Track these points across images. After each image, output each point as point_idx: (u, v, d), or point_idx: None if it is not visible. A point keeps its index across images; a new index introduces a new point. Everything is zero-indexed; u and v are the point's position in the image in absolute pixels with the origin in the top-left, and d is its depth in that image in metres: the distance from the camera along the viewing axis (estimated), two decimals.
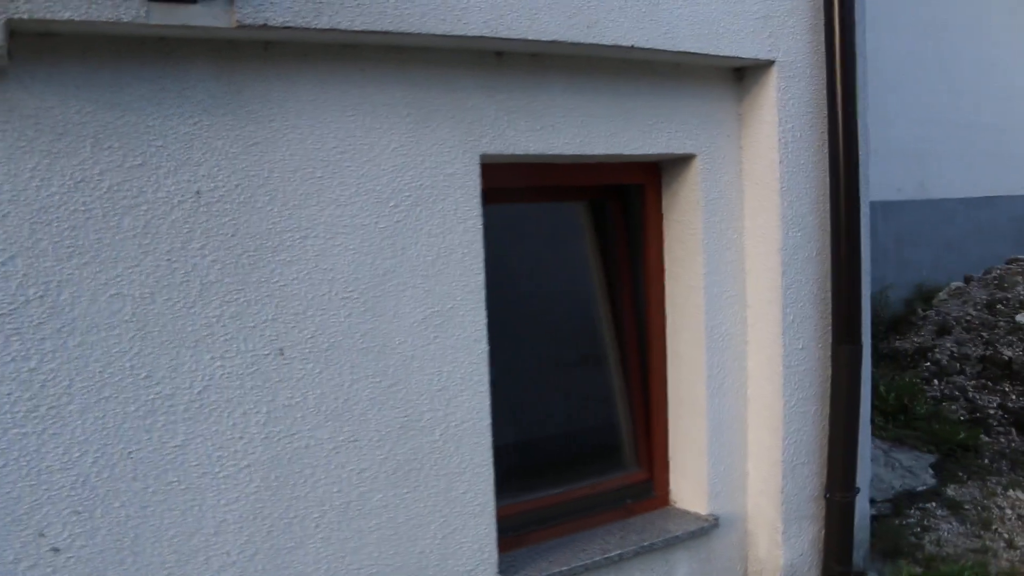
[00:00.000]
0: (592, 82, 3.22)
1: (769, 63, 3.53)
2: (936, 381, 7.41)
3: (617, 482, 3.67)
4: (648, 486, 3.72)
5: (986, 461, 6.19)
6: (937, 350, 7.80)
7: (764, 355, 3.61)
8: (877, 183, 9.03)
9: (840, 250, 3.54)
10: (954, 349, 7.73)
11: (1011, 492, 5.66)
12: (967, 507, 5.47)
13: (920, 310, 8.60)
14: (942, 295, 8.73)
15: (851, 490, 3.69)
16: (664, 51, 3.22)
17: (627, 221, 3.73)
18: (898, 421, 6.62)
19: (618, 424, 3.79)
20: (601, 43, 3.05)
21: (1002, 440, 6.54)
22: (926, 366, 7.64)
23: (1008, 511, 5.42)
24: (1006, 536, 5.08)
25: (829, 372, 3.64)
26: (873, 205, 9.00)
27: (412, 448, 2.85)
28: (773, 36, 3.51)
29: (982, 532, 5.14)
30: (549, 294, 3.76)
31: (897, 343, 8.11)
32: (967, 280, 9.02)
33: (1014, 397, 7.07)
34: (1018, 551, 4.90)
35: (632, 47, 3.11)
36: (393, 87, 2.79)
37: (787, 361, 3.58)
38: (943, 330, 8.06)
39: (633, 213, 3.71)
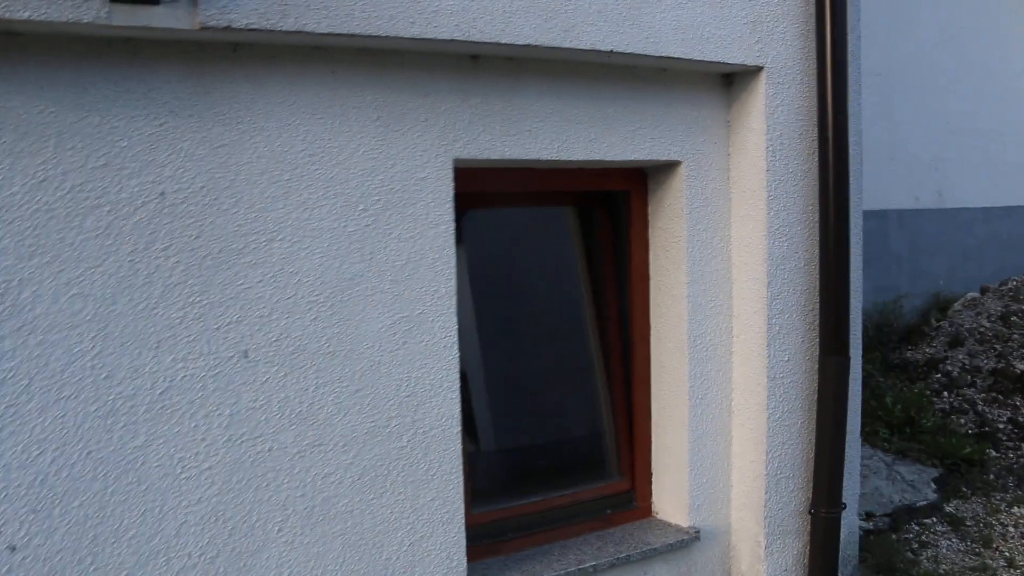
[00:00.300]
0: (572, 87, 3.19)
1: (757, 69, 3.48)
2: (946, 393, 7.29)
3: (598, 492, 3.63)
4: (629, 497, 3.68)
5: (992, 477, 6.08)
6: (948, 362, 7.68)
7: (749, 366, 3.56)
8: (893, 191, 9.00)
9: (828, 260, 3.49)
10: (966, 361, 7.62)
11: (1015, 509, 5.56)
12: (968, 523, 5.37)
13: (934, 320, 8.48)
14: (957, 306, 8.60)
15: (837, 506, 3.62)
16: (646, 56, 3.18)
17: (613, 228, 3.70)
18: (904, 434, 6.52)
19: (601, 433, 3.75)
20: (579, 47, 3.02)
21: (1010, 455, 6.43)
22: (936, 378, 7.53)
23: (1011, 528, 5.31)
24: (1007, 554, 4.98)
25: (816, 384, 3.58)
26: (889, 214, 9.01)
27: (379, 454, 2.83)
28: (762, 42, 3.46)
29: (982, 550, 5.05)
30: (532, 300, 3.73)
31: (909, 354, 8.00)
32: (983, 291, 8.89)
33: (1022, 410, 6.95)
34: (1018, 570, 4.80)
35: (611, 52, 3.07)
36: (364, 90, 2.78)
37: (772, 373, 3.52)
38: (956, 341, 7.94)
39: (619, 220, 3.67)
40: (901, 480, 5.88)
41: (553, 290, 3.80)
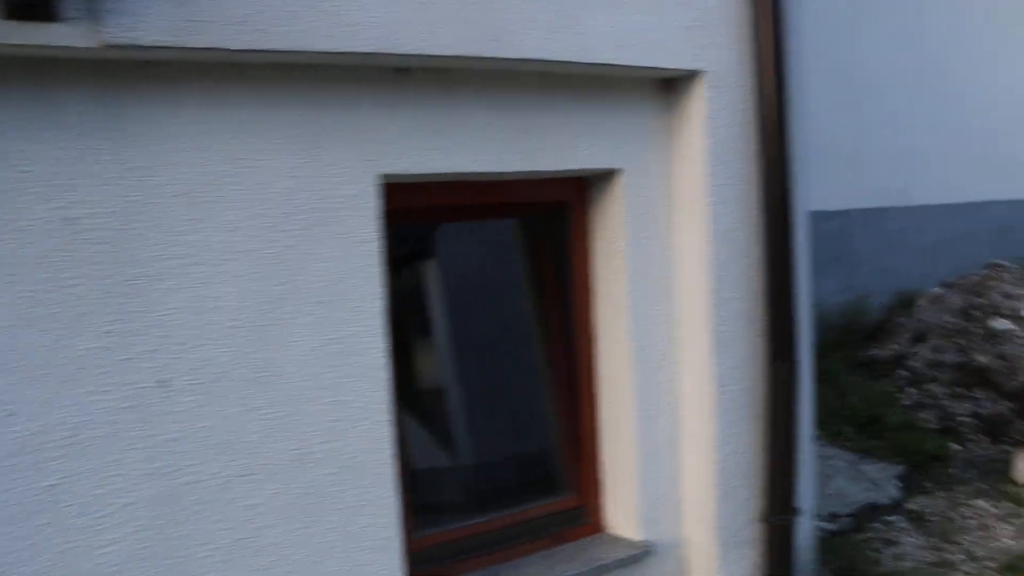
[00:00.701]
0: (505, 97, 3.12)
1: (697, 74, 3.42)
2: (910, 389, 7.28)
3: (548, 508, 3.56)
4: (580, 512, 3.61)
5: (954, 471, 6.07)
6: (913, 358, 7.67)
7: (696, 375, 3.50)
8: (859, 190, 8.99)
9: (772, 265, 3.44)
10: (930, 356, 7.61)
11: (976, 502, 5.55)
12: (931, 519, 5.36)
13: (899, 317, 8.47)
14: (921, 302, 8.59)
15: (790, 512, 3.58)
16: (582, 64, 3.12)
17: (556, 239, 3.62)
18: (869, 432, 6.50)
19: (550, 449, 3.68)
20: (509, 57, 2.94)
21: (972, 449, 6.43)
22: (901, 374, 7.52)
23: (972, 521, 5.30)
24: (968, 548, 4.96)
25: (765, 391, 3.53)
26: (854, 213, 8.99)
27: (308, 482, 2.74)
28: (701, 46, 3.40)
29: (944, 544, 5.03)
30: (478, 316, 3.65)
31: (874, 351, 7.99)
32: (945, 286, 8.89)
33: (987, 404, 6.95)
34: (979, 563, 4.78)
35: (544, 60, 3.00)
36: (285, 107, 2.69)
37: (720, 381, 3.47)
38: (920, 337, 7.93)
39: (562, 231, 3.60)
40: (866, 479, 5.86)
41: (498, 305, 3.72)
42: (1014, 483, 5.77)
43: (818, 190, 8.55)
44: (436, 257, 3.54)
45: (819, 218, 8.54)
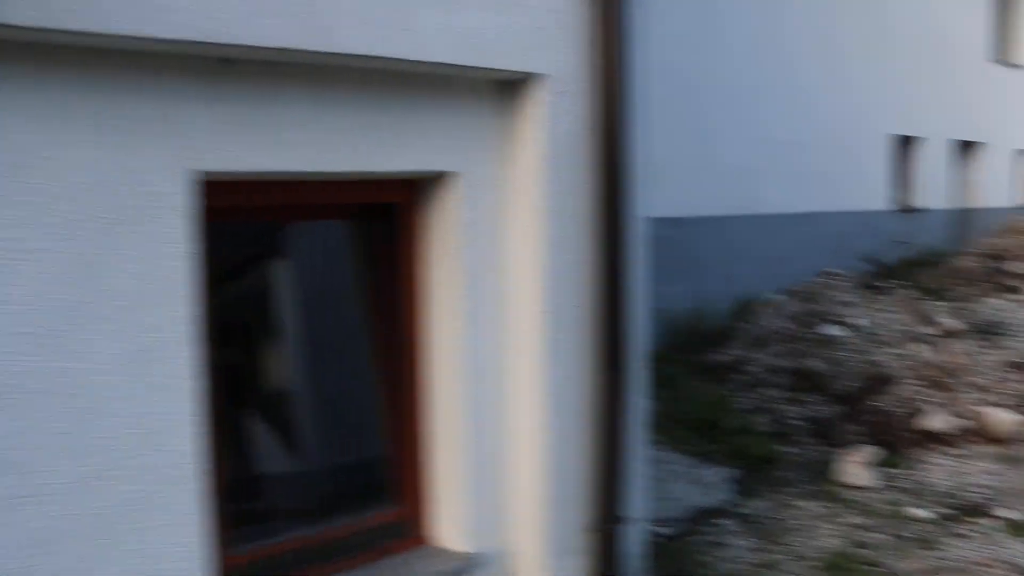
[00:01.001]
0: (336, 94, 2.99)
1: (538, 77, 3.38)
2: (749, 394, 7.52)
3: (374, 521, 3.45)
4: (407, 524, 3.51)
5: (785, 473, 6.29)
6: (752, 363, 7.94)
7: (527, 384, 3.46)
8: (706, 198, 9.24)
9: (606, 274, 3.44)
10: (767, 361, 7.89)
11: (803, 503, 5.75)
12: (761, 520, 5.52)
13: (740, 323, 8.76)
14: (761, 309, 8.91)
15: (618, 521, 3.60)
16: (417, 62, 3.02)
17: (390, 242, 3.52)
18: (708, 436, 6.67)
19: (379, 459, 3.57)
20: (339, 52, 2.82)
21: (802, 451, 6.68)
22: (741, 379, 7.76)
23: (799, 522, 5.49)
24: (795, 548, 5.13)
25: (595, 400, 3.52)
26: (701, 220, 9.25)
27: (109, 500, 2.53)
28: (543, 49, 3.36)
29: (771, 546, 5.19)
30: (309, 321, 3.51)
31: (716, 356, 8.22)
32: (784, 293, 9.24)
33: (818, 408, 7.24)
34: (804, 563, 4.95)
35: (375, 57, 2.90)
36: (88, 95, 2.48)
37: (551, 390, 3.44)
38: (759, 343, 8.22)
39: (395, 234, 3.50)
40: (701, 483, 6.00)
41: (332, 310, 3.59)
42: (838, 484, 6.03)
43: (666, 198, 8.76)
44: (266, 260, 3.38)
45: (666, 225, 8.75)
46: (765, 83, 10.22)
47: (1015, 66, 16.35)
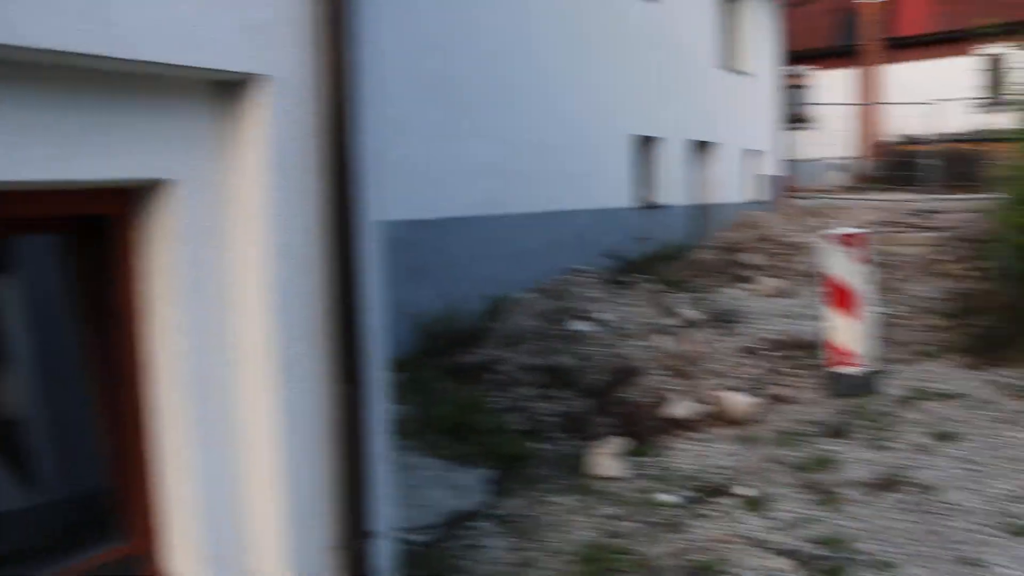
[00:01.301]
0: (24, 93, 2.65)
1: (259, 78, 3.18)
2: (501, 393, 7.59)
3: (102, 559, 3.12)
4: (140, 559, 3.20)
5: (540, 470, 6.38)
6: (504, 362, 8.03)
7: (258, 401, 3.26)
8: (455, 199, 9.29)
9: (337, 283, 3.30)
10: (519, 360, 8.01)
11: (557, 498, 5.86)
12: (517, 519, 5.56)
13: (491, 323, 8.86)
14: (511, 307, 9.06)
15: (367, 535, 3.47)
16: (119, 60, 2.75)
17: (106, 256, 3.20)
18: (461, 438, 6.65)
19: (105, 491, 3.25)
20: (27, 46, 2.50)
21: (556, 447, 6.81)
22: (493, 378, 7.83)
23: (555, 517, 5.58)
24: (551, 544, 5.21)
25: (333, 414, 3.38)
26: (450, 221, 9.27)
27: None
28: (265, 48, 3.16)
29: (528, 543, 5.23)
30: (23, 342, 3.13)
31: (468, 358, 8.26)
32: (534, 291, 9.46)
33: (570, 403, 7.44)
34: (561, 557, 5.04)
35: (66, 52, 2.60)
36: None
37: (285, 406, 3.26)
38: (510, 342, 8.34)
39: (109, 247, 3.19)
40: (456, 486, 5.97)
41: (46, 330, 3.22)
42: (591, 476, 6.19)
43: (413, 200, 8.76)
44: None
45: (414, 227, 8.74)
46: (516, 84, 10.43)
47: (740, 72, 17.71)
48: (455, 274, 9.27)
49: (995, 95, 22.10)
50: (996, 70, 22.96)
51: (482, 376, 7.84)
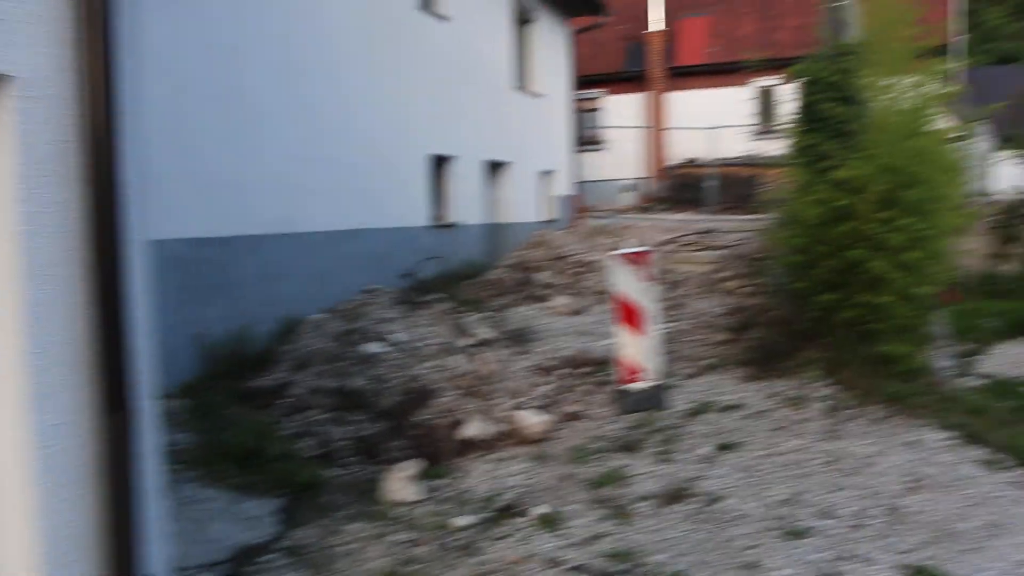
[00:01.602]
0: None
1: (3, 79, 2.88)
2: (293, 418, 7.29)
3: None
4: None
5: (333, 497, 6.16)
6: (295, 385, 7.73)
7: (9, 436, 2.93)
8: (241, 218, 8.88)
9: (101, 303, 3.03)
10: (311, 383, 7.73)
11: (351, 525, 5.66)
12: (309, 551, 5.33)
13: (283, 345, 8.52)
14: (304, 329, 8.76)
15: None
16: None
17: None
18: (249, 467, 6.31)
19: None
20: None
21: (349, 472, 6.61)
22: (284, 403, 7.51)
23: (349, 546, 5.38)
24: (344, 574, 5.02)
25: (99, 447, 3.10)
26: (236, 240, 8.85)
27: None
28: (9, 47, 2.87)
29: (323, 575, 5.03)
30: None
31: (258, 382, 7.90)
32: (327, 312, 9.20)
33: (365, 426, 7.23)
34: None
35: None
36: None
37: (41, 441, 2.94)
38: (302, 364, 8.05)
39: None
40: (244, 518, 5.65)
41: None
42: (386, 502, 6.03)
43: (200, 216, 8.34)
44: None
45: (201, 245, 8.32)
46: (312, 99, 10.15)
47: (534, 94, 18.11)
48: (245, 294, 8.87)
49: (766, 123, 23.81)
50: (767, 101, 24.76)
51: (272, 400, 7.52)
